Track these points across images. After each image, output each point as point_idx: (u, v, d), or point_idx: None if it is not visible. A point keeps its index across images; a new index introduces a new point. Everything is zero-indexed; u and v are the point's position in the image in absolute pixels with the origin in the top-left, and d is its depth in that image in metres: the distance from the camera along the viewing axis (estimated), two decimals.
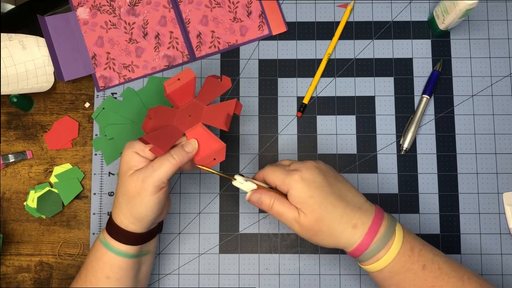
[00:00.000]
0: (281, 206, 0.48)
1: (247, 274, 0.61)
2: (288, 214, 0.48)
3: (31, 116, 0.64)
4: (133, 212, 0.48)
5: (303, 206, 0.47)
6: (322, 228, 0.47)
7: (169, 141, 0.50)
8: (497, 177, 0.62)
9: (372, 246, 0.47)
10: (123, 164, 0.49)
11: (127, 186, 0.48)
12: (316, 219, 0.47)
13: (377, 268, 0.47)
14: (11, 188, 0.63)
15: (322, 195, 0.47)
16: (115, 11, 0.65)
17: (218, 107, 0.52)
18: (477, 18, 0.65)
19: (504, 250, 0.61)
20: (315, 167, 0.48)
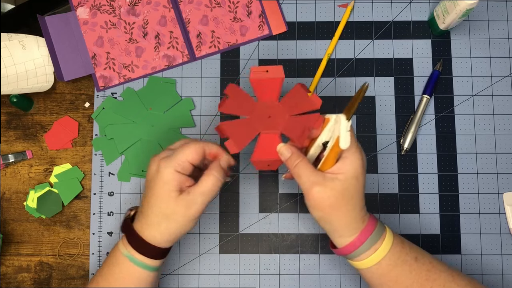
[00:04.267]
0: (307, 167, 0.47)
1: (247, 274, 0.61)
2: (310, 176, 0.47)
3: (31, 116, 0.64)
4: (171, 231, 0.48)
5: (344, 176, 0.47)
6: (340, 203, 0.47)
7: (246, 138, 0.50)
8: (497, 177, 0.62)
9: (369, 239, 0.47)
10: (162, 184, 0.47)
11: (171, 209, 0.47)
12: (342, 195, 0.46)
13: (375, 261, 0.47)
14: (11, 188, 0.63)
15: (361, 182, 0.48)
16: (115, 11, 0.65)
17: (300, 120, 0.50)
18: (477, 18, 0.65)
19: (504, 250, 0.61)
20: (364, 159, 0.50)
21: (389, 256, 0.48)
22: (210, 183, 0.48)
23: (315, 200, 0.47)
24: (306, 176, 0.47)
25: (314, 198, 0.47)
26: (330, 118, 0.49)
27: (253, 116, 0.51)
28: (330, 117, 0.49)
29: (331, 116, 0.49)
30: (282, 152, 0.50)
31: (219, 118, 0.63)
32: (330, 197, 0.46)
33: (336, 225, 0.48)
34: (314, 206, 0.47)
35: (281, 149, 0.50)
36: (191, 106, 0.63)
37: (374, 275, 0.49)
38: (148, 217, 0.48)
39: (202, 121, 0.63)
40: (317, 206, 0.47)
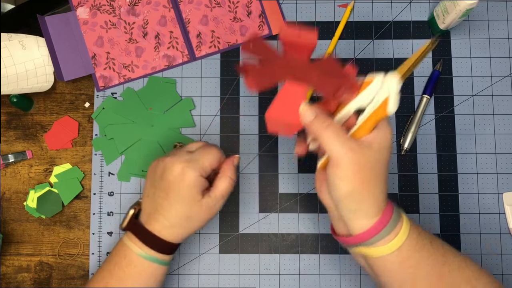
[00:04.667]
0: (339, 130, 0.42)
1: (247, 274, 0.61)
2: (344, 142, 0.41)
3: (31, 116, 0.64)
4: (191, 231, 0.51)
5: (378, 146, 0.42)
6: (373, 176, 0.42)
7: (268, 80, 0.44)
8: (497, 177, 0.62)
9: (391, 221, 0.43)
10: (187, 188, 0.48)
11: (194, 212, 0.50)
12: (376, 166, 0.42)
13: (397, 245, 0.43)
14: (11, 188, 0.63)
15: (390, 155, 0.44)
16: (115, 11, 0.65)
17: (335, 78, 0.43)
18: (478, 18, 0.65)
19: (504, 250, 0.61)
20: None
21: (409, 240, 0.43)
22: (228, 185, 0.51)
23: (348, 169, 0.41)
24: (338, 141, 0.41)
25: (347, 167, 0.40)
26: (373, 78, 0.42)
27: (281, 61, 0.44)
28: (373, 77, 0.43)
29: (375, 76, 0.42)
30: (305, 113, 0.43)
31: (219, 118, 0.63)
32: (365, 167, 0.41)
33: (365, 203, 0.42)
34: (345, 177, 0.41)
35: (304, 109, 0.43)
36: (191, 106, 0.63)
37: (392, 264, 0.44)
38: (170, 218, 0.50)
39: (202, 121, 0.63)
40: (349, 177, 0.41)
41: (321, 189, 0.47)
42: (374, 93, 0.42)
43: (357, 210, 0.42)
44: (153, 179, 0.51)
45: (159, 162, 0.51)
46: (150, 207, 0.51)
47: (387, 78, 0.42)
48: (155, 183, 0.51)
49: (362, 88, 0.43)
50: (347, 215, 0.43)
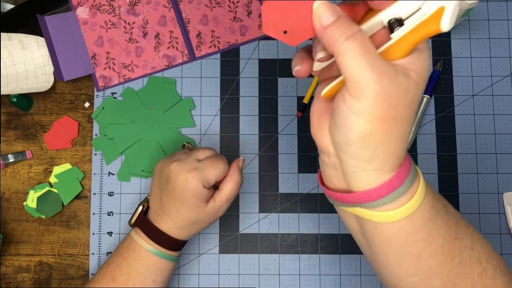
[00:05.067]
0: (368, 45, 0.29)
1: (247, 274, 0.61)
2: (375, 62, 0.29)
3: (30, 116, 0.64)
4: (198, 230, 0.53)
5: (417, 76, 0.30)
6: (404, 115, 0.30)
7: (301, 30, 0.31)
8: (497, 177, 0.62)
9: (408, 178, 0.33)
10: (191, 196, 0.49)
11: (201, 216, 0.51)
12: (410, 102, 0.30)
13: (411, 209, 0.33)
14: (11, 188, 0.63)
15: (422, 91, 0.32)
16: (115, 10, 0.65)
17: None
18: (478, 18, 0.65)
19: (504, 250, 0.61)
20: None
21: (424, 204, 0.33)
22: (234, 188, 0.52)
23: (373, 101, 0.29)
24: (365, 59, 0.28)
25: (372, 98, 0.28)
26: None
27: None
28: None
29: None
30: (322, 11, 0.30)
31: (219, 118, 0.63)
32: (395, 101, 0.29)
33: (383, 150, 0.31)
34: (366, 112, 0.29)
35: (322, 6, 0.30)
36: (191, 106, 0.63)
37: (398, 234, 0.34)
38: (176, 222, 0.51)
39: (202, 121, 0.63)
40: (372, 113, 0.29)
41: (320, 123, 0.35)
42: (421, 1, 0.30)
43: (371, 159, 0.31)
44: (159, 181, 0.52)
45: (164, 165, 0.51)
46: (157, 207, 0.52)
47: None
48: (161, 186, 0.51)
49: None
50: (354, 164, 0.32)
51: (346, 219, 0.37)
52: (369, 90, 0.28)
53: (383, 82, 0.28)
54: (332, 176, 0.35)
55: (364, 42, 0.29)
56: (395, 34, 0.31)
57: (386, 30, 0.32)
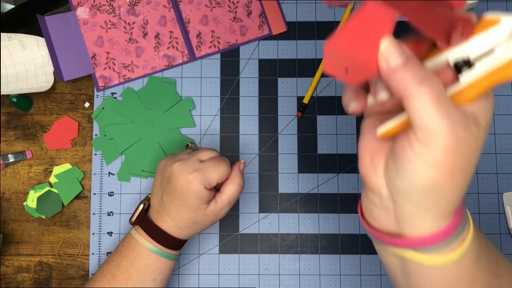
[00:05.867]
0: (442, 93, 0.27)
1: (247, 274, 0.61)
2: (450, 110, 0.27)
3: (30, 116, 0.64)
4: (199, 230, 0.53)
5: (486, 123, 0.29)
6: (472, 164, 0.29)
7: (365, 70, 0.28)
8: (497, 177, 0.62)
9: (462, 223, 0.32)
10: (192, 197, 0.49)
11: (201, 217, 0.51)
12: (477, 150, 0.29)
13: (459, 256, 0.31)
14: (11, 188, 0.63)
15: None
16: (115, 10, 0.65)
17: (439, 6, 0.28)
18: None
19: (504, 250, 0.61)
20: None
21: (471, 248, 0.32)
22: (235, 191, 0.52)
23: (443, 152, 0.27)
24: (438, 107, 0.27)
25: (443, 149, 0.27)
26: (498, 19, 0.28)
27: None
28: (497, 17, 0.28)
29: (504, 16, 0.28)
30: (389, 52, 0.27)
31: (219, 118, 0.63)
32: (464, 151, 0.28)
33: (445, 200, 0.29)
34: (435, 162, 0.27)
35: (389, 47, 0.28)
36: (191, 106, 0.63)
37: (445, 277, 0.32)
38: (177, 221, 0.51)
39: (202, 121, 0.63)
40: (441, 164, 0.27)
41: (373, 163, 0.32)
42: (495, 42, 0.28)
43: (431, 208, 0.30)
44: (161, 180, 0.52)
45: (167, 164, 0.51)
46: (158, 206, 0.52)
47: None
48: (163, 185, 0.52)
49: (476, 30, 0.29)
50: (412, 210, 0.30)
51: (386, 255, 0.35)
52: (441, 140, 0.27)
53: (457, 133, 0.27)
54: (379, 217, 0.33)
55: (438, 89, 0.27)
56: (465, 77, 0.29)
57: (451, 69, 0.30)
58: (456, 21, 0.29)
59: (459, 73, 0.29)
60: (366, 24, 0.28)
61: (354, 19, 0.28)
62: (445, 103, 0.27)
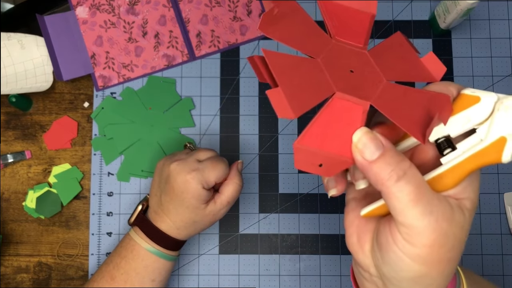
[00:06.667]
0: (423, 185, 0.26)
1: (247, 275, 0.60)
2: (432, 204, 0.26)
3: (30, 116, 0.64)
4: (198, 231, 0.53)
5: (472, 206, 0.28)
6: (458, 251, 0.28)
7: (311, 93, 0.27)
8: (498, 177, 0.62)
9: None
10: (190, 197, 0.49)
11: (200, 217, 0.51)
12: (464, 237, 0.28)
13: None
14: (10, 188, 0.63)
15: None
16: (115, 10, 0.65)
17: (414, 95, 0.28)
18: (479, 17, 0.65)
19: (505, 250, 0.60)
20: None
21: None
22: (234, 191, 0.52)
23: (428, 248, 0.26)
24: (419, 204, 0.26)
25: (427, 245, 0.26)
26: (480, 97, 0.27)
27: (322, 58, 0.28)
28: (480, 95, 0.27)
29: (484, 94, 0.27)
30: (364, 145, 0.26)
31: (219, 118, 0.63)
32: (450, 243, 0.27)
33: (437, 283, 0.29)
34: (420, 258, 0.27)
35: (363, 139, 0.26)
36: (191, 106, 0.63)
37: None
38: (175, 222, 0.51)
39: (202, 121, 0.63)
40: (427, 259, 0.27)
41: (360, 242, 0.31)
42: (476, 122, 0.27)
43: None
44: (159, 180, 0.52)
45: (165, 165, 0.51)
46: (157, 206, 0.52)
47: (507, 104, 0.26)
48: (161, 185, 0.51)
49: (456, 107, 0.28)
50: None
51: None
52: (425, 237, 0.26)
53: (441, 228, 0.26)
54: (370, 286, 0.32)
55: (418, 183, 0.26)
56: (446, 159, 0.27)
57: (432, 146, 0.29)
58: (434, 101, 0.27)
59: (441, 153, 0.28)
60: (336, 118, 0.27)
61: (322, 115, 0.27)
62: (427, 198, 0.26)
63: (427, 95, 0.28)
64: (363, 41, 0.29)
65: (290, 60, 0.27)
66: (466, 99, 0.27)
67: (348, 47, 0.28)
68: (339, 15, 0.28)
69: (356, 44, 0.29)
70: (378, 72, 0.28)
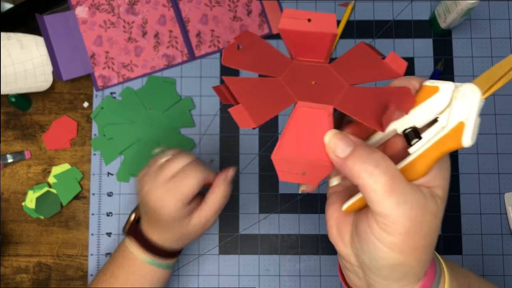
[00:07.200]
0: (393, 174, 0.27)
1: (247, 275, 0.60)
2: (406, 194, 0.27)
3: (29, 116, 0.64)
4: (190, 241, 0.51)
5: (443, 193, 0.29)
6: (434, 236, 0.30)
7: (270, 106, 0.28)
8: (498, 178, 0.61)
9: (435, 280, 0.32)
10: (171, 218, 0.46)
11: (187, 230, 0.49)
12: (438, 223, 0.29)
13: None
14: (10, 189, 0.63)
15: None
16: (114, 10, 0.65)
17: (374, 93, 0.30)
18: (479, 17, 0.64)
19: (506, 251, 0.60)
20: None
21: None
22: (219, 199, 0.48)
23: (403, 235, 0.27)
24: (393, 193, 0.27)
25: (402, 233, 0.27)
26: (439, 86, 0.29)
27: (284, 76, 0.30)
28: (439, 85, 0.29)
29: (442, 84, 0.29)
30: (335, 144, 0.28)
31: (219, 118, 0.63)
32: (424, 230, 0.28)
33: (411, 272, 0.30)
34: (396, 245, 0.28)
35: (333, 140, 0.28)
36: (190, 106, 0.63)
37: None
38: (163, 238, 0.50)
39: (202, 121, 0.63)
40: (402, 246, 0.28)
41: (340, 234, 0.33)
42: (437, 111, 0.28)
43: (400, 279, 0.30)
44: (139, 199, 0.50)
45: (139, 183, 0.49)
46: (145, 220, 0.50)
47: (463, 91, 0.27)
48: (142, 205, 0.49)
49: (420, 98, 0.29)
50: (382, 282, 0.31)
51: None
52: (400, 226, 0.27)
53: (415, 217, 0.27)
54: (354, 281, 0.34)
55: (391, 173, 0.27)
56: (414, 149, 0.29)
57: (401, 138, 0.30)
58: (394, 95, 0.29)
59: (409, 143, 0.29)
60: (305, 125, 0.28)
61: (291, 124, 0.28)
62: (400, 188, 0.27)
63: (385, 90, 0.29)
64: (324, 57, 0.31)
65: (250, 81, 0.30)
66: (427, 90, 0.29)
67: (309, 63, 0.31)
68: (301, 40, 0.31)
69: (317, 60, 0.31)
70: (340, 79, 0.30)
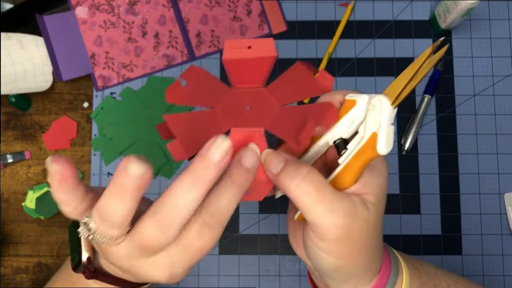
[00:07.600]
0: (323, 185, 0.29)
1: (247, 275, 0.60)
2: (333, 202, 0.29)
3: (29, 116, 0.64)
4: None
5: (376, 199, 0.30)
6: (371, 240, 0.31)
7: (202, 136, 0.31)
8: (498, 178, 0.61)
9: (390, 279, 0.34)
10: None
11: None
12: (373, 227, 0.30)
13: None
14: (10, 189, 0.63)
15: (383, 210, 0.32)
16: (114, 10, 0.65)
17: (297, 111, 0.31)
18: (479, 17, 0.65)
19: (506, 251, 0.60)
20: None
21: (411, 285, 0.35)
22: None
23: (336, 242, 0.29)
24: (320, 202, 0.28)
25: (334, 240, 0.29)
26: (356, 100, 0.30)
27: (221, 106, 0.33)
28: (356, 98, 0.30)
29: (358, 97, 0.30)
30: (269, 162, 0.30)
31: None
32: (358, 236, 0.29)
33: (356, 273, 0.32)
34: (331, 251, 0.30)
35: (268, 158, 0.30)
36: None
37: None
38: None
39: None
40: (337, 252, 0.30)
41: (295, 238, 0.36)
42: (357, 122, 0.30)
43: (347, 279, 0.32)
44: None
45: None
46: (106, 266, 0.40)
47: (373, 103, 0.29)
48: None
49: (343, 111, 0.31)
50: (334, 283, 0.33)
51: None
52: (331, 233, 0.29)
53: (345, 224, 0.28)
54: (316, 282, 0.37)
55: (318, 185, 0.29)
56: (342, 159, 0.31)
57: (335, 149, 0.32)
58: (318, 111, 0.31)
59: (339, 153, 0.31)
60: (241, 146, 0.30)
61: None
62: (327, 197, 0.28)
63: (310, 107, 0.31)
64: (261, 82, 0.33)
65: (188, 117, 0.33)
66: (347, 103, 0.31)
67: (245, 90, 0.33)
68: (243, 67, 0.32)
69: (254, 85, 0.33)
70: (272, 101, 0.32)
